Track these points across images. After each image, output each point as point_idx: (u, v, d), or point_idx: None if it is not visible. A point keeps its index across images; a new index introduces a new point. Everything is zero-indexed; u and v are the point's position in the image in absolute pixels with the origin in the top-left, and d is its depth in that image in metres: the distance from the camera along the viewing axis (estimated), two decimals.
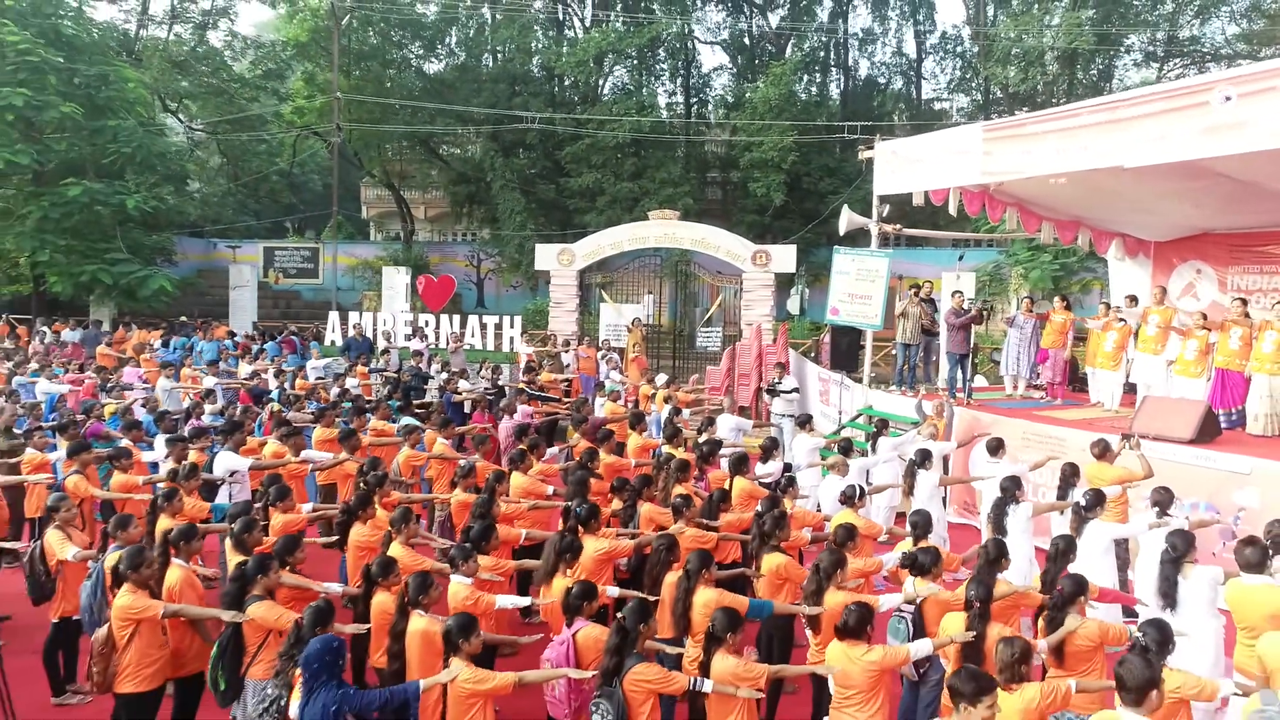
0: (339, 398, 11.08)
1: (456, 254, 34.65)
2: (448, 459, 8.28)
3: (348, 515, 6.04)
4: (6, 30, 16.32)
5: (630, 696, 4.17)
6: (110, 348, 15.60)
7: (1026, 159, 9.82)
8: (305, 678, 3.94)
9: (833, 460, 7.82)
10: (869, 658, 4.35)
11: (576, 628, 4.65)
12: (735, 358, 15.94)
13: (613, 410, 10.91)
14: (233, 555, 5.38)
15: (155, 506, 5.89)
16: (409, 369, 14.24)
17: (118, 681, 4.72)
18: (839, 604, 4.82)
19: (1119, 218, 12.75)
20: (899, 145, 11.97)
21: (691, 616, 4.92)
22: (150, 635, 4.77)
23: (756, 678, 4.25)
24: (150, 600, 4.76)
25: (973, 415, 10.56)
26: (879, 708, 4.42)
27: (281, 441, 8.06)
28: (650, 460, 8.65)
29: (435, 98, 30.70)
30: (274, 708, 4.33)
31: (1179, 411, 8.92)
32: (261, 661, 4.76)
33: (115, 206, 17.75)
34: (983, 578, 4.85)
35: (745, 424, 10.85)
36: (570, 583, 5.25)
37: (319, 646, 3.94)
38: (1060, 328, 11.40)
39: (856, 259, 12.38)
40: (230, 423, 8.10)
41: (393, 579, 5.04)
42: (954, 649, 4.63)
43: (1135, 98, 8.81)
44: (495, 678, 4.11)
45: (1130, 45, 30.84)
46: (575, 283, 18.29)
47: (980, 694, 3.45)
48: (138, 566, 4.75)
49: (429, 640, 4.42)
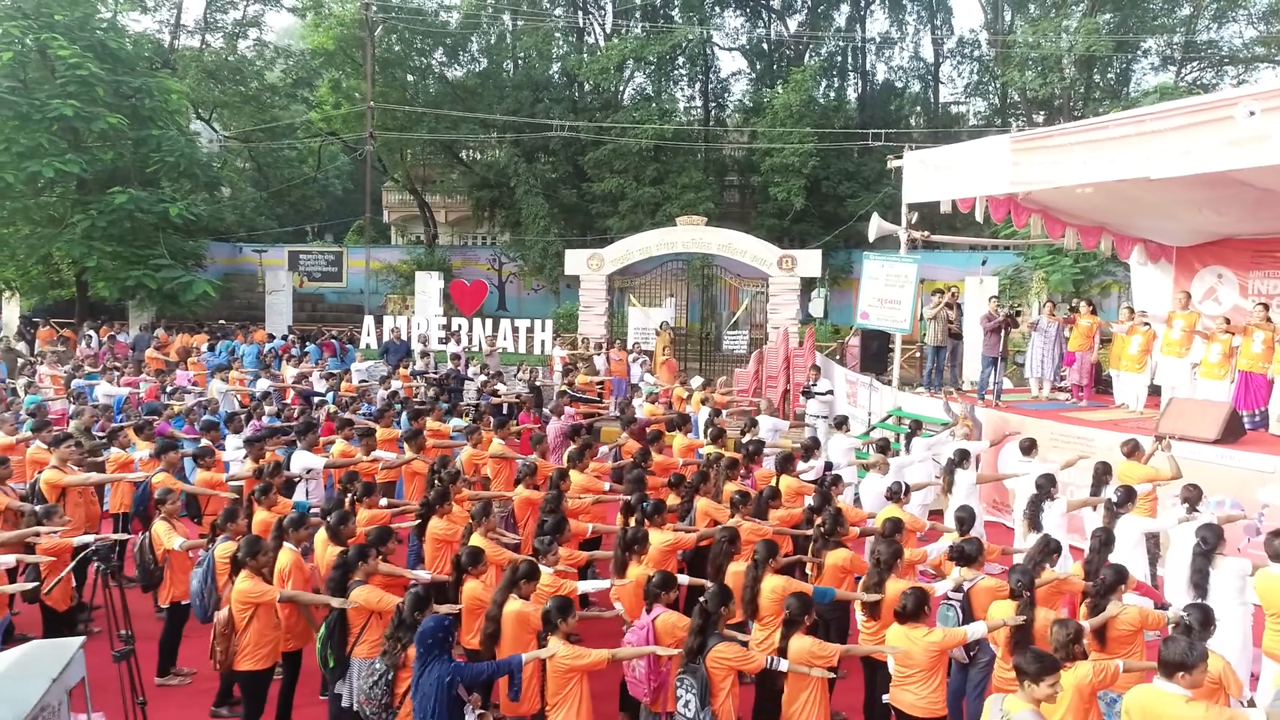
0: (389, 400, 11.52)
1: (478, 257, 35.20)
2: (506, 458, 8.71)
3: (427, 509, 6.47)
4: (58, 45, 16.89)
5: (713, 673, 4.58)
6: (158, 351, 16.13)
7: (1054, 169, 10.19)
8: (420, 652, 4.36)
9: (874, 459, 8.21)
10: (930, 639, 4.74)
11: (655, 614, 5.05)
12: (763, 360, 16.32)
13: (651, 412, 11.33)
14: (328, 546, 5.82)
15: (253, 500, 6.34)
16: (450, 372, 14.69)
17: (237, 660, 5.18)
18: (896, 591, 5.23)
19: (1142, 224, 13.07)
20: (928, 155, 12.34)
21: (759, 602, 5.33)
22: (266, 618, 5.23)
23: (829, 657, 4.65)
24: (267, 586, 5.21)
25: (1001, 416, 10.92)
26: (938, 685, 4.82)
27: (348, 441, 8.54)
28: (695, 459, 9.09)
29: (459, 104, 31.22)
30: (383, 681, 4.75)
31: (1204, 412, 9.26)
32: (365, 642, 5.21)
33: (159, 214, 18.32)
34: (1029, 567, 5.24)
35: (783, 425, 11.25)
36: (641, 572, 5.69)
37: (432, 625, 4.37)
38: (1087, 331, 11.74)
39: (886, 265, 12.75)
40: (304, 424, 8.55)
41: (480, 568, 5.48)
42: (1004, 633, 5.01)
43: (1161, 111, 9.16)
44: (590, 655, 4.53)
45: (1147, 49, 31.04)
46: (605, 287, 18.73)
47: (1044, 673, 3.81)
48: (255, 554, 5.20)
49: (523, 620, 4.84)
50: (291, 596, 5.26)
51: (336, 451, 8.44)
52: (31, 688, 3.72)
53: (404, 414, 10.55)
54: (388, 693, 4.70)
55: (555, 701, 4.49)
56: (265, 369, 14.00)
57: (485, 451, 8.63)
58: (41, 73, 17.71)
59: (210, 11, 28.44)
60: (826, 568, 6.06)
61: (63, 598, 6.32)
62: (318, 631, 5.27)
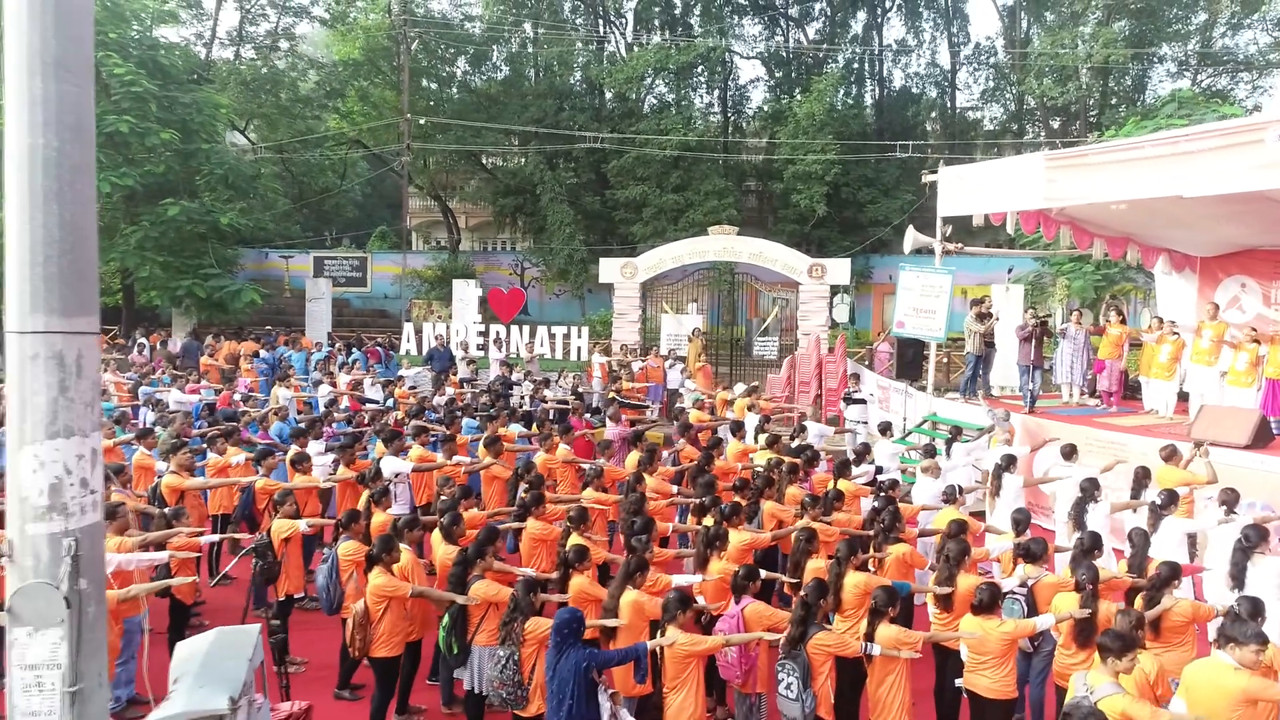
0: (448, 407, 12.08)
1: (500, 263, 35.82)
2: (572, 462, 9.25)
3: (524, 511, 7.02)
4: (112, 62, 17.53)
5: (813, 659, 5.12)
6: (212, 359, 16.74)
7: (1089, 186, 10.70)
8: (556, 641, 4.90)
9: (926, 464, 8.74)
10: (1003, 629, 5.27)
11: (744, 604, 5.58)
12: (795, 367, 16.84)
13: (699, 418, 11.85)
14: (442, 544, 6.37)
15: (371, 502, 6.90)
16: (497, 378, 15.25)
17: (373, 647, 5.74)
18: (968, 586, 5.76)
19: (1167, 235, 13.54)
20: (962, 171, 12.85)
21: (841, 596, 5.85)
22: (398, 610, 5.79)
23: (915, 643, 5.18)
24: (400, 582, 5.77)
25: (1037, 422, 11.41)
26: (1010, 670, 5.35)
27: (424, 447, 9.11)
28: (749, 464, 9.61)
29: (483, 112, 31.81)
30: (510, 663, 5.29)
31: (1235, 419, 9.76)
32: (485, 631, 5.77)
33: (209, 224, 18.95)
34: (1092, 562, 5.76)
35: (828, 430, 11.77)
36: (723, 567, 6.23)
37: (568, 617, 4.91)
38: (1116, 340, 12.23)
39: (921, 275, 13.26)
40: (391, 432, 9.11)
41: (585, 564, 6.02)
42: (1068, 624, 5.52)
43: (1194, 134, 9.67)
44: (706, 641, 5.07)
45: (1163, 56, 31.43)
46: (638, 294, 19.27)
47: (1125, 650, 4.34)
48: (388, 551, 5.75)
49: (639, 610, 5.39)
50: (421, 592, 5.81)
51: (414, 457, 8.99)
52: (238, 667, 4.28)
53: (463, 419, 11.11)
54: (517, 672, 5.25)
55: (674, 684, 5.02)
56: (330, 375, 14.56)
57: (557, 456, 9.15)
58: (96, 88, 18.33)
59: (243, 24, 29.09)
60: (889, 562, 6.59)
61: (190, 592, 6.89)
62: (440, 622, 5.82)
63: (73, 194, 3.99)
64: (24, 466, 3.92)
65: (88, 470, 4.08)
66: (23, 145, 3.90)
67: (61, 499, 3.96)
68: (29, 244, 3.92)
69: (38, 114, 3.89)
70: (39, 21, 3.88)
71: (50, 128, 3.91)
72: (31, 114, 3.89)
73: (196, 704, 3.93)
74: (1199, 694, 4.47)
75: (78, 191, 4.01)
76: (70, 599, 3.95)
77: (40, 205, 3.92)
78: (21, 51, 3.88)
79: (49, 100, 3.91)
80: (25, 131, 3.89)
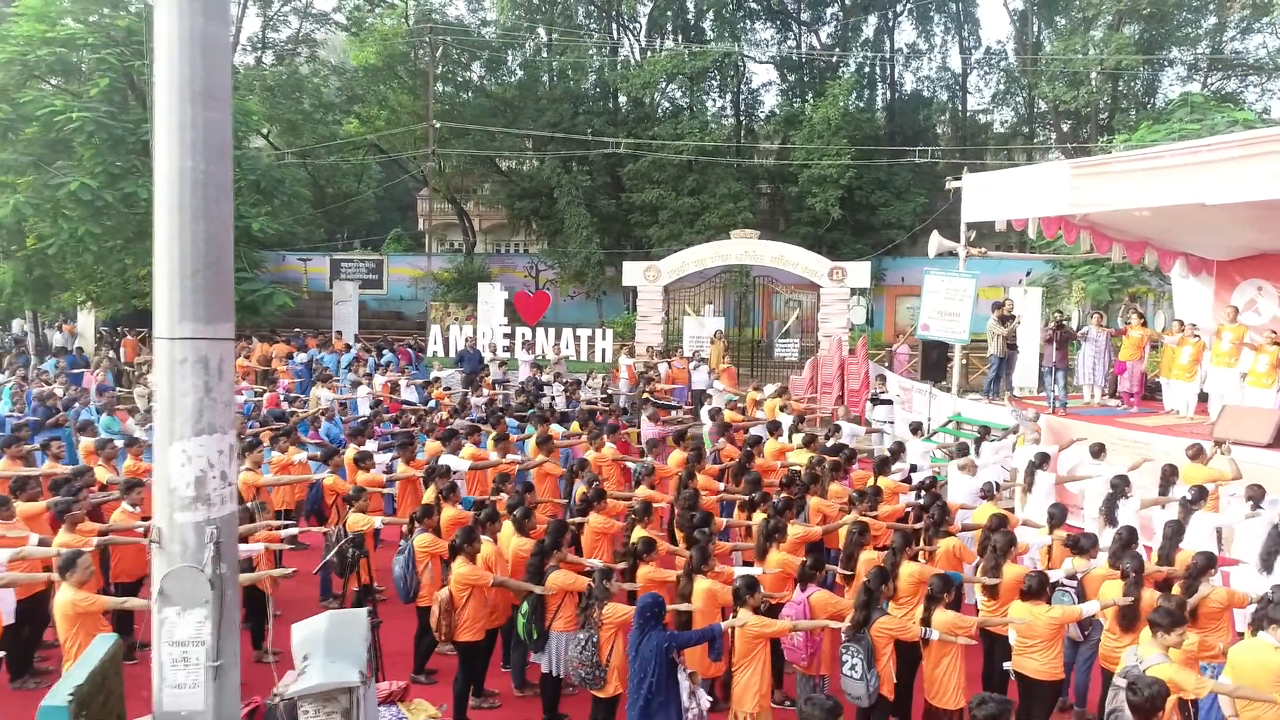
0: (489, 407, 12.46)
1: (515, 265, 36.23)
2: (618, 460, 9.63)
3: (586, 506, 7.39)
4: (149, 71, 17.92)
5: (876, 641, 5.49)
6: (248, 360, 17.15)
7: (1113, 193, 11.07)
8: (639, 623, 5.26)
9: (963, 462, 9.11)
10: (1051, 614, 5.63)
11: (809, 592, 5.95)
12: (818, 368, 17.19)
13: (733, 418, 12.21)
14: (514, 538, 6.74)
15: (440, 497, 7.27)
16: (529, 379, 15.64)
17: (457, 632, 6.11)
18: (1013, 575, 6.13)
19: (1185, 239, 13.87)
20: (987, 178, 13.21)
21: (897, 585, 6.21)
22: (480, 597, 6.16)
23: (969, 627, 5.55)
24: (483, 571, 6.14)
25: (1062, 422, 11.76)
26: (1057, 653, 5.72)
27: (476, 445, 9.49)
28: (786, 462, 9.96)
29: (499, 116, 32.19)
30: (590, 645, 5.65)
31: (1256, 418, 10.10)
32: (561, 617, 6.15)
33: (242, 228, 19.37)
34: (1137, 553, 6.12)
35: (859, 430, 12.13)
36: (783, 558, 6.59)
37: (650, 601, 5.28)
38: (1137, 343, 12.58)
39: (945, 279, 13.62)
40: (448, 431, 9.49)
41: (652, 555, 6.39)
42: (1113, 610, 5.87)
43: (1215, 144, 10.03)
44: (775, 624, 5.43)
45: (1173, 60, 31.76)
46: (661, 297, 19.64)
47: (1174, 625, 4.70)
48: (470, 542, 6.13)
49: (710, 595, 5.75)
50: (502, 582, 6.19)
51: (467, 455, 9.36)
52: (359, 646, 4.66)
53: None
54: (595, 654, 5.62)
55: (742, 663, 5.39)
56: (368, 376, 14.94)
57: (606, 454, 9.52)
58: (131, 97, 18.77)
59: (265, 30, 29.53)
60: (939, 555, 6.95)
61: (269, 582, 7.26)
62: (519, 610, 6.19)
63: (216, 212, 4.40)
64: (173, 460, 4.32)
65: (226, 464, 4.48)
66: (173, 168, 4.30)
67: (205, 490, 4.36)
68: (178, 258, 4.32)
69: (186, 139, 4.29)
70: (188, 54, 4.28)
71: (198, 151, 4.31)
72: (181, 139, 4.29)
73: (332, 677, 4.31)
74: (1244, 673, 4.83)
75: (220, 210, 4.42)
76: (213, 582, 4.34)
77: (189, 223, 4.32)
78: (172, 82, 4.28)
79: (196, 126, 4.31)
80: (175, 155, 4.29)
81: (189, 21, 4.25)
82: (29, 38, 17.48)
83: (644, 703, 5.10)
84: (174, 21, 4.25)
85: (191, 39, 4.26)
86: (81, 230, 17.05)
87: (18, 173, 17.22)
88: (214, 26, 4.33)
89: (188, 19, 4.25)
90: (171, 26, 4.26)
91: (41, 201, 17.13)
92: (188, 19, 4.25)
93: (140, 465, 8.78)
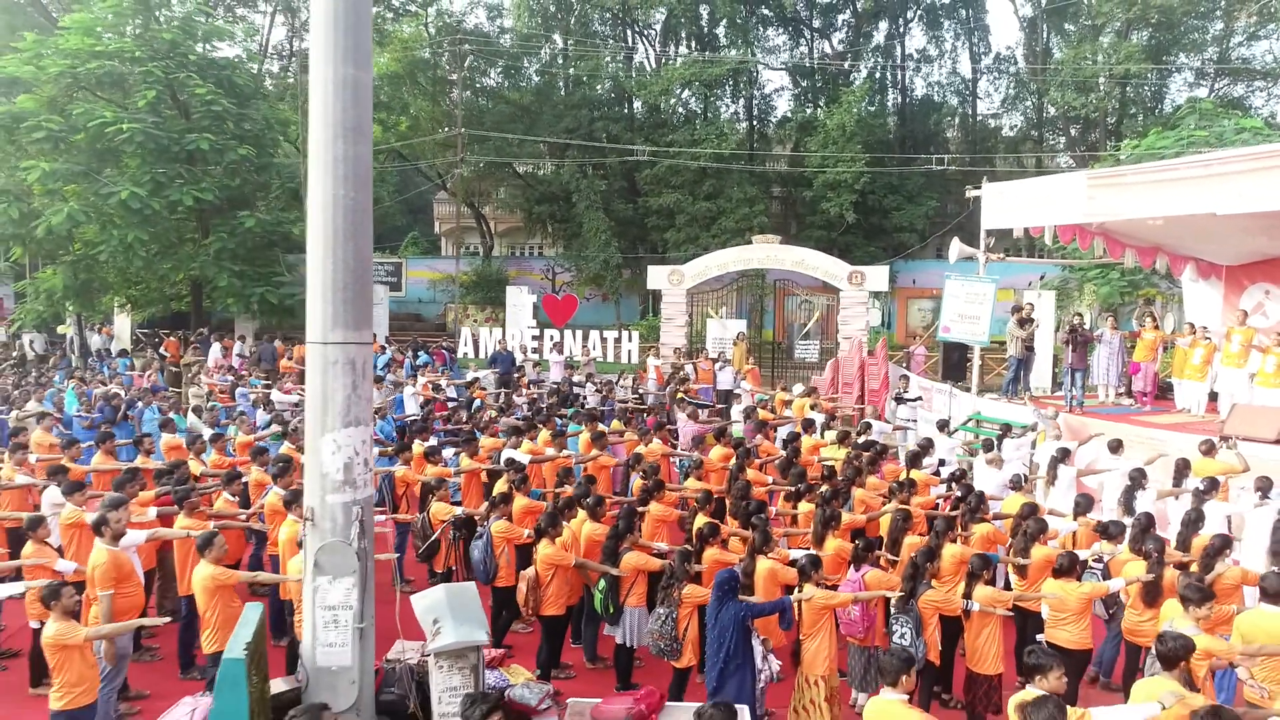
0: (532, 405, 13.11)
1: (531, 268, 36.93)
2: (667, 455, 10.29)
3: (647, 496, 8.04)
4: (194, 83, 18.65)
5: (923, 612, 6.14)
6: (290, 360, 17.83)
7: (1127, 203, 11.68)
8: (717, 595, 5.89)
9: (990, 457, 9.77)
10: (1082, 590, 6.27)
11: (864, 571, 6.59)
12: (839, 369, 17.82)
13: (765, 417, 12.85)
14: (585, 522, 7.39)
15: (512, 487, 7.92)
16: (564, 380, 16.29)
17: (543, 608, 6.76)
18: (1043, 556, 6.77)
19: (1195, 245, 14.47)
20: (1005, 187, 13.83)
21: (940, 565, 6.84)
22: (562, 577, 6.81)
23: (1007, 600, 6.19)
24: (565, 553, 6.79)
25: (1079, 420, 12.37)
26: (1086, 625, 6.35)
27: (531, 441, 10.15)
28: (821, 458, 10.60)
29: (518, 122, 32.86)
30: (669, 619, 6.30)
31: (1264, 416, 10.72)
32: (634, 594, 6.80)
33: (282, 234, 20.12)
34: (1146, 537, 6.75)
35: (886, 428, 12.78)
36: (838, 544, 7.23)
37: (728, 575, 5.92)
38: (1151, 345, 13.20)
39: (965, 284, 14.25)
40: (513, 428, 10.16)
41: (717, 539, 7.04)
42: (1137, 587, 6.50)
43: (1225, 157, 10.66)
44: (838, 596, 6.07)
45: (1181, 65, 32.32)
46: (685, 300, 20.29)
47: (1204, 600, 5.33)
48: (554, 526, 6.78)
49: (772, 574, 6.39)
50: (582, 563, 6.84)
51: (526, 449, 10.01)
52: (478, 612, 5.31)
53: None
54: (674, 628, 6.27)
55: (810, 632, 6.02)
56: (412, 377, 15.60)
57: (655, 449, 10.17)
58: (172, 108, 19.47)
59: (292, 39, 30.25)
60: (975, 539, 7.58)
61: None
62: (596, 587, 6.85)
63: (361, 233, 5.09)
64: (325, 449, 5.00)
65: (367, 452, 5.14)
66: (326, 196, 4.98)
67: (352, 475, 5.04)
68: (331, 274, 5.00)
69: (339, 171, 4.98)
70: (340, 97, 4.97)
71: (348, 181, 5.00)
72: (334, 171, 4.97)
73: (464, 636, 4.96)
74: (1254, 637, 5.46)
75: (363, 231, 5.10)
76: (359, 554, 5.01)
77: (340, 243, 5.00)
78: (326, 121, 4.96)
79: (347, 159, 4.99)
80: (329, 185, 4.97)
81: (340, 70, 4.93)
82: (78, 51, 18.20)
83: (722, 665, 5.74)
84: (327, 68, 4.94)
85: (343, 84, 4.95)
86: (130, 236, 17.76)
87: (69, 181, 17.94)
88: (361, 73, 5.01)
89: (338, 67, 4.93)
90: (325, 73, 4.94)
91: (91, 209, 17.84)
92: (338, 67, 4.93)
93: (224, 460, 9.46)
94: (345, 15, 4.95)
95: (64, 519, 7.10)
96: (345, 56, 4.93)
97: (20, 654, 7.29)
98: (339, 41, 4.92)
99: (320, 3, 4.97)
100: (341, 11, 4.93)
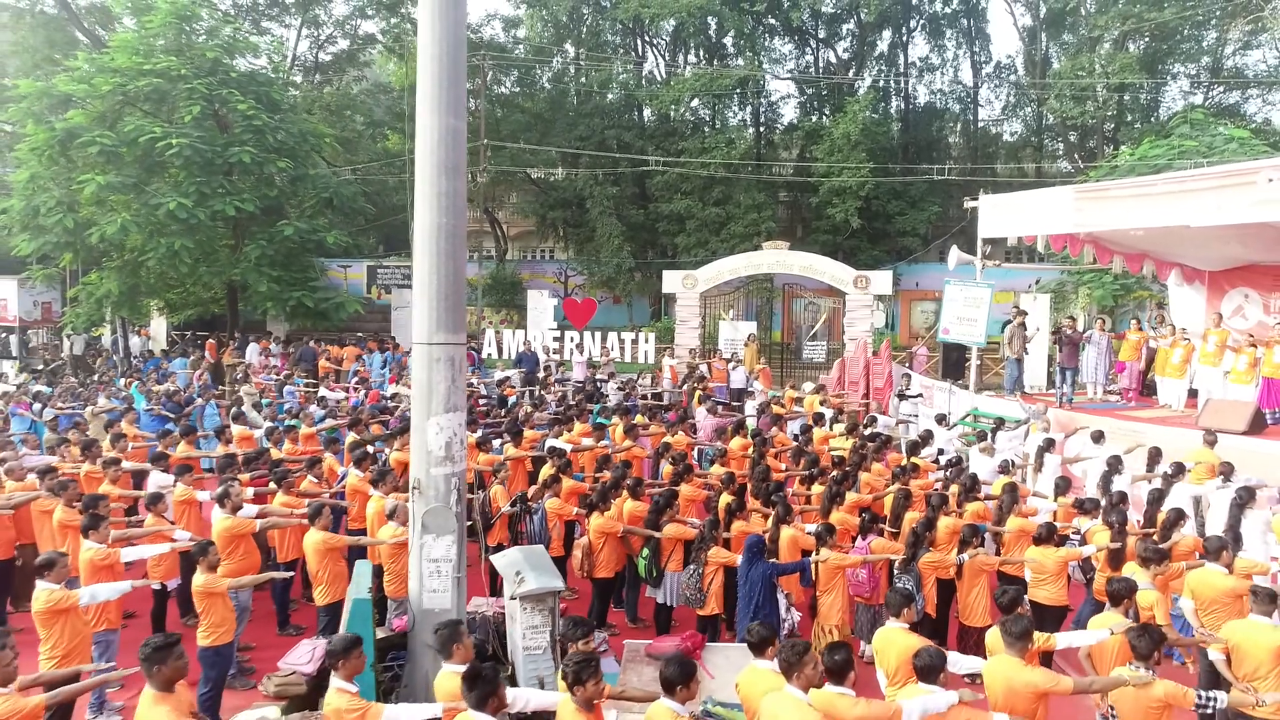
0: (560, 402, 14.20)
1: (544, 271, 38.00)
2: (691, 444, 11.37)
3: (678, 479, 9.12)
4: (235, 99, 19.79)
5: (923, 572, 7.22)
6: (328, 362, 18.97)
7: (1111, 215, 12.74)
8: (746, 556, 6.98)
9: (983, 446, 10.85)
10: (1058, 554, 7.35)
11: (869, 539, 7.67)
12: (845, 368, 18.88)
13: (778, 411, 13.92)
14: (626, 500, 8.47)
15: (559, 471, 9.01)
16: (589, 378, 17.40)
17: (595, 570, 7.85)
18: (1019, 527, 7.86)
19: (1179, 252, 15.52)
20: (1000, 199, 14.90)
21: (936, 535, 7.91)
22: (612, 545, 7.90)
23: (993, 565, 7.26)
24: (615, 523, 7.87)
25: (1068, 414, 13.43)
26: (1063, 586, 7.42)
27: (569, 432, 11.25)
28: (830, 448, 11.67)
29: (533, 130, 33.98)
30: (697, 574, 7.37)
31: (1235, 410, 11.77)
32: (674, 560, 7.88)
33: (317, 241, 21.30)
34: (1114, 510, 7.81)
35: (890, 421, 13.85)
36: (843, 518, 8.31)
37: (756, 539, 7.01)
38: (1135, 345, 14.26)
39: (964, 289, 15.31)
40: (553, 419, 11.25)
41: (744, 513, 8.12)
42: (1104, 552, 7.56)
43: (1199, 175, 11.72)
44: (849, 559, 7.15)
45: (1175, 74, 33.31)
46: (698, 303, 21.38)
47: (1160, 559, 6.41)
48: (605, 501, 7.86)
49: (794, 542, 7.47)
50: (630, 530, 7.92)
51: (565, 440, 11.10)
52: (551, 567, 6.39)
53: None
54: (700, 581, 7.35)
55: (825, 589, 7.10)
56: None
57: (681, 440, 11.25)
58: (212, 122, 20.62)
59: (317, 52, 31.42)
60: (967, 514, 8.65)
61: None
62: (640, 555, 7.93)
63: (458, 254, 6.20)
64: (430, 431, 6.09)
65: (463, 434, 6.22)
66: (431, 223, 6.08)
67: (452, 451, 6.14)
68: (435, 287, 6.11)
69: (441, 203, 6.08)
70: (443, 142, 6.10)
71: (449, 211, 6.10)
72: (438, 203, 6.08)
73: (544, 583, 6.05)
74: (1201, 592, 6.52)
75: (459, 252, 6.21)
76: (457, 517, 6.09)
77: (442, 262, 6.10)
78: (431, 162, 6.08)
79: (446, 193, 6.11)
80: (434, 214, 6.08)
81: (444, 120, 6.04)
82: (128, 69, 19.33)
83: (751, 615, 6.82)
84: (433, 118, 6.06)
85: (445, 131, 6.06)
86: (177, 244, 18.89)
87: (121, 193, 19.07)
88: (459, 123, 6.12)
89: (443, 118, 6.04)
90: (431, 122, 6.05)
91: (141, 219, 18.98)
92: (443, 118, 6.04)
93: (295, 449, 10.56)
94: (447, 74, 6.06)
95: (177, 496, 8.20)
96: (447, 109, 6.03)
97: (136, 615, 8.37)
98: (441, 98, 6.02)
99: (426, 64, 6.07)
100: (445, 72, 6.04)
